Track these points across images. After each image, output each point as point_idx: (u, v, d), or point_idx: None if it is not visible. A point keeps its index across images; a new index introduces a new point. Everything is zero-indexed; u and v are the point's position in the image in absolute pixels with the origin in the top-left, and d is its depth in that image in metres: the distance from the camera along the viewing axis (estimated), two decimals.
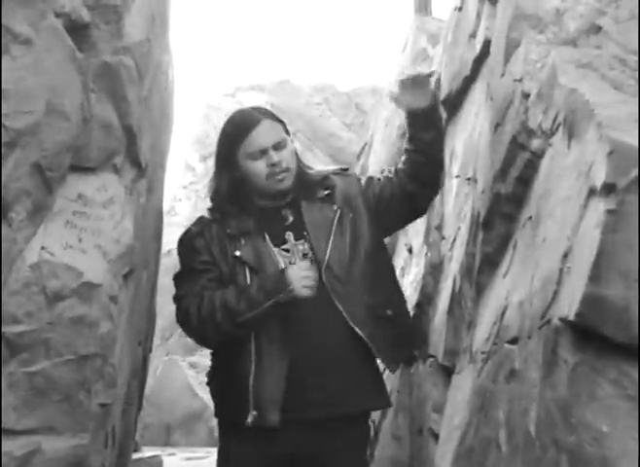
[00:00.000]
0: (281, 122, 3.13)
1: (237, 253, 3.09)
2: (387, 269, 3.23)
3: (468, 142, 4.35)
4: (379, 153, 7.42)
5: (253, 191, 3.07)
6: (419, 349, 3.34)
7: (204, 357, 16.56)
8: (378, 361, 3.14)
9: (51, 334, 3.09)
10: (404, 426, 4.84)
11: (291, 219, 3.11)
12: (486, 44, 4.04)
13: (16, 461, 2.99)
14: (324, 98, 20.72)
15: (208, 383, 3.21)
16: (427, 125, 3.09)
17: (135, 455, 7.43)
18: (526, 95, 3.26)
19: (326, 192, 3.16)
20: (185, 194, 20.22)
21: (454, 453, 3.54)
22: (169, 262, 16.64)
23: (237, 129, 3.07)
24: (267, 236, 3.09)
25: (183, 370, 16.44)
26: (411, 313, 3.45)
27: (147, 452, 9.25)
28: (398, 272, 4.44)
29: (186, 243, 3.19)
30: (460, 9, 4.87)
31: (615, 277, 2.26)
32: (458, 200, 4.39)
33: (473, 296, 3.82)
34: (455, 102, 4.83)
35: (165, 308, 15.58)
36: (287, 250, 3.08)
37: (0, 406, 2.96)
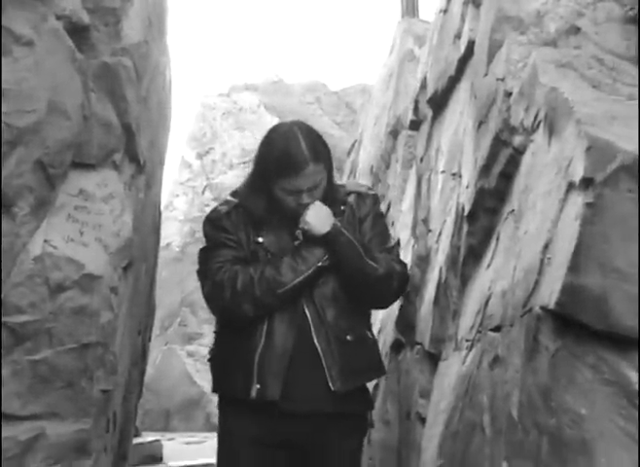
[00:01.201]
0: (324, 157, 3.04)
1: (260, 239, 3.07)
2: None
3: (453, 139, 4.35)
4: (369, 149, 7.42)
5: (278, 202, 3.04)
6: (370, 381, 3.30)
7: (202, 346, 16.54)
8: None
9: (53, 323, 3.08)
10: (392, 411, 4.85)
11: None
12: (470, 45, 4.04)
13: (20, 445, 2.98)
14: (315, 98, 20.70)
15: (210, 359, 3.18)
16: (330, 248, 3.03)
17: (136, 440, 7.44)
18: (508, 94, 3.26)
19: (342, 207, 3.15)
20: (182, 189, 20.17)
21: (440, 436, 3.55)
22: (168, 255, 16.67)
23: (283, 167, 2.97)
24: (286, 231, 3.07)
25: (181, 358, 16.46)
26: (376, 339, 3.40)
27: (147, 437, 9.27)
28: None
29: (214, 221, 3.14)
30: (445, 11, 4.87)
31: (593, 267, 2.27)
32: (444, 195, 4.40)
33: (458, 286, 3.83)
34: (441, 101, 4.83)
35: (165, 299, 15.62)
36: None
37: (0, 392, 2.95)
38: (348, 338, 3.02)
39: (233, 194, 3.21)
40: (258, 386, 2.95)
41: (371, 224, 3.15)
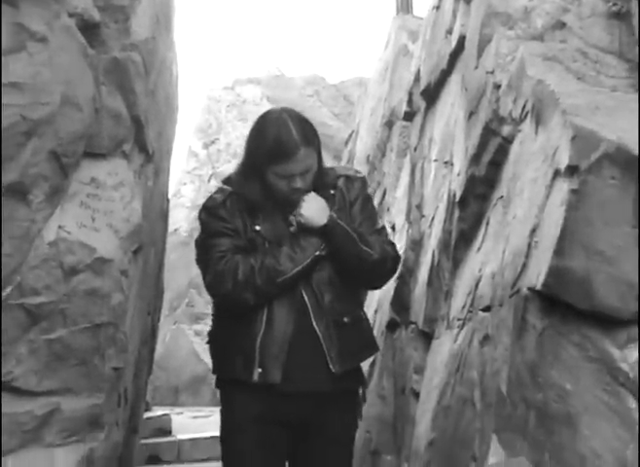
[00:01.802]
0: (314, 142, 2.99)
1: (257, 227, 3.01)
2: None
3: (445, 129, 4.34)
4: (365, 139, 7.41)
5: (270, 188, 2.99)
6: (366, 359, 3.28)
7: (209, 326, 16.48)
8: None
9: (67, 304, 3.08)
10: (388, 387, 4.86)
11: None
12: (461, 40, 4.03)
13: (37, 420, 2.99)
14: (315, 90, 20.61)
15: (209, 342, 3.14)
16: (327, 238, 2.99)
17: (146, 414, 7.46)
18: (497, 86, 3.26)
19: (331, 191, 3.10)
20: (189, 178, 20.13)
21: (433, 411, 3.56)
22: (176, 239, 16.64)
23: (275, 153, 2.90)
24: (281, 217, 3.02)
25: (189, 337, 16.44)
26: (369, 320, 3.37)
27: (157, 411, 9.29)
28: None
29: (211, 209, 3.07)
30: (438, 8, 4.86)
31: (577, 251, 2.27)
32: (436, 182, 4.39)
33: (450, 268, 3.83)
34: (433, 93, 4.82)
35: (173, 282, 15.59)
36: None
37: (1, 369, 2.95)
38: (345, 320, 2.99)
39: (226, 181, 3.15)
40: (260, 370, 2.91)
41: (360, 207, 3.11)
